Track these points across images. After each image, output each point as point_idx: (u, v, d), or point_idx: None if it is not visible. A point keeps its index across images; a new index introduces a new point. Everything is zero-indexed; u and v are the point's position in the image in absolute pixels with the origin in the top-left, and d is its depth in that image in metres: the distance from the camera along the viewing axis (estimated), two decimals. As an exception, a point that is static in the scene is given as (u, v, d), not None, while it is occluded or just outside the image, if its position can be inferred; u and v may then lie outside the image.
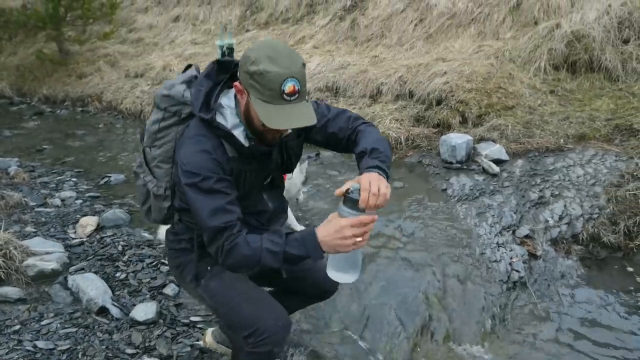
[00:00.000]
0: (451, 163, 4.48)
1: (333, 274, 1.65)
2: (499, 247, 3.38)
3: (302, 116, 1.59)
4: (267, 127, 1.60)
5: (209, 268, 1.94)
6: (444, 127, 5.09)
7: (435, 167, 4.54)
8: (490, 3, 6.56)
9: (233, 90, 1.73)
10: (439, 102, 5.29)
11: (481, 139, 4.70)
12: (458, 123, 5.03)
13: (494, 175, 4.20)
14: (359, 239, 1.53)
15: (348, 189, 1.55)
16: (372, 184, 1.54)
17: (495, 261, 3.28)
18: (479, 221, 3.63)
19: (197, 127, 1.72)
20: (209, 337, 2.52)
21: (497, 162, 4.34)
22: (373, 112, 5.44)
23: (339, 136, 1.89)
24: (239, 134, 1.71)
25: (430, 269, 3.15)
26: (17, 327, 2.71)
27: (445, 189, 4.11)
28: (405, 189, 4.21)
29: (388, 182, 1.63)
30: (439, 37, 6.63)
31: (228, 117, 1.71)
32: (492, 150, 4.46)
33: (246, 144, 1.73)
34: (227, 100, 1.73)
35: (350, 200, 1.55)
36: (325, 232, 1.56)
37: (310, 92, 6.15)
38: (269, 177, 1.92)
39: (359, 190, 1.54)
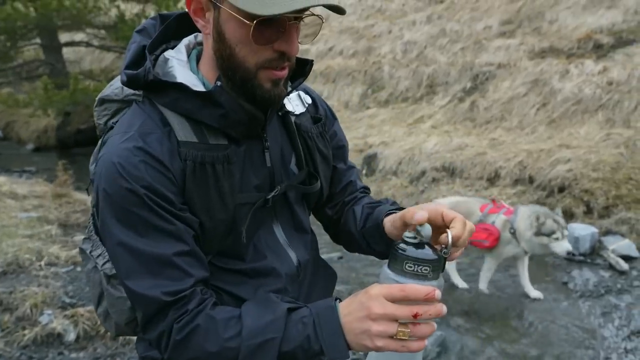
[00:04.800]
0: (573, 255, 4.30)
1: None
2: (627, 353, 3.15)
3: None
4: (261, 59, 0.92)
5: None
6: (567, 216, 4.90)
7: (556, 257, 4.37)
8: (621, 90, 6.36)
9: (184, 42, 1.05)
10: (561, 190, 5.15)
11: (607, 232, 4.48)
12: (582, 213, 4.85)
13: (622, 272, 3.96)
14: (406, 329, 0.81)
15: (408, 232, 0.87)
16: (451, 214, 0.93)
17: (623, 368, 3.06)
18: (603, 322, 3.43)
19: (127, 113, 1.04)
20: None
21: (626, 258, 4.10)
22: (490, 196, 5.42)
23: (348, 188, 1.26)
24: (194, 84, 0.97)
25: (548, 367, 3.02)
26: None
27: (567, 283, 3.94)
28: (523, 278, 4.10)
29: None
30: (562, 122, 6.51)
31: (177, 70, 0.99)
32: (621, 245, 4.23)
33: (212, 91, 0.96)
34: (174, 52, 1.02)
35: (407, 253, 0.83)
36: (349, 308, 0.87)
37: (427, 171, 6.29)
38: (276, 189, 1.06)
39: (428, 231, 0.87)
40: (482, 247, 3.57)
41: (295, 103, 1.15)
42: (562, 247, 3.35)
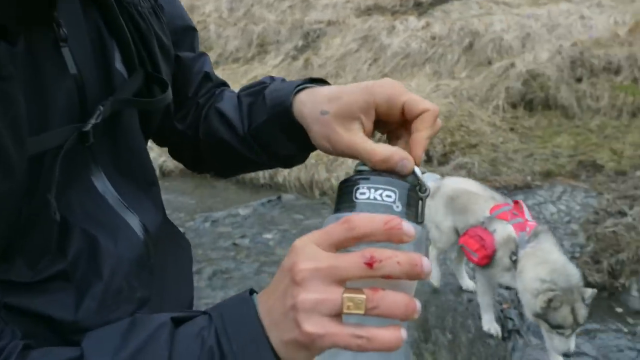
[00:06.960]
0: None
1: None
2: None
3: None
4: None
5: None
6: (409, 166, 4.97)
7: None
8: (444, 44, 6.63)
9: None
10: (401, 141, 5.18)
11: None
12: (423, 162, 4.90)
13: (467, 214, 4.03)
14: (359, 295, 0.43)
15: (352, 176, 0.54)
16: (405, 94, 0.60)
17: (485, 308, 3.07)
18: (457, 264, 3.42)
19: None
20: None
21: (468, 201, 4.20)
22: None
23: (203, 85, 0.82)
24: None
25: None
26: None
27: (419, 231, 3.92)
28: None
29: None
30: (394, 76, 6.59)
31: None
32: (462, 189, 4.32)
33: None
34: None
35: (362, 177, 0.53)
36: (269, 289, 0.49)
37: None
38: (98, 111, 0.56)
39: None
40: (470, 260, 2.66)
41: None
42: (561, 347, 2.18)
